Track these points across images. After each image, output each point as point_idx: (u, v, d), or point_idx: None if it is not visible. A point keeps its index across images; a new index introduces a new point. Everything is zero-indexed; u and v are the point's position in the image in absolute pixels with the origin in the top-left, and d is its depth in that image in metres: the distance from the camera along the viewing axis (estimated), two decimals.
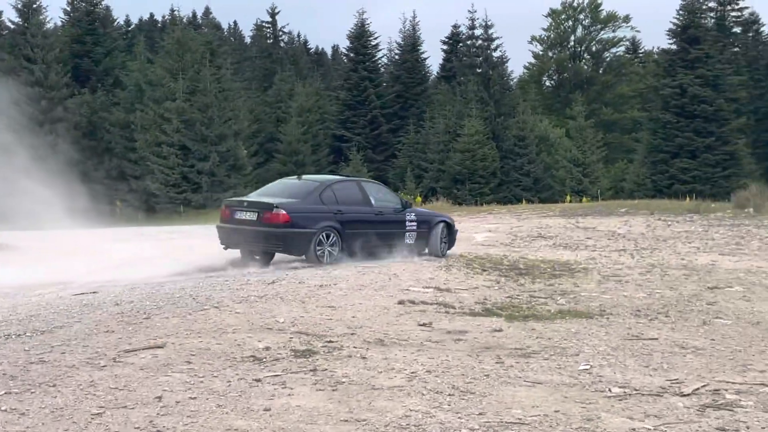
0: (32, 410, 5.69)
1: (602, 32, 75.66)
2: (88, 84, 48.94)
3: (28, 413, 5.62)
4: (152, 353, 7.53)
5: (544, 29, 76.99)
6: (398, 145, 56.15)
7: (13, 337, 8.38)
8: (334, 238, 15.21)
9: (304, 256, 15.35)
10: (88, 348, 7.76)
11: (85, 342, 8.07)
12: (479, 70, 57.41)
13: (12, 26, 48.82)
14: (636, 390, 6.41)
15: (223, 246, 16.09)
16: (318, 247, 14.98)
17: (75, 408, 5.75)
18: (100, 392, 6.17)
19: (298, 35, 75.86)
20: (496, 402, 6.02)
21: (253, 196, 16.76)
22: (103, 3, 54.24)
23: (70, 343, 7.98)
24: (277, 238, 15.04)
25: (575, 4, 74.96)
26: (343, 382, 6.55)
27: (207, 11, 70.23)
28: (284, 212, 14.85)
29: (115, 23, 57.62)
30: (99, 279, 14.25)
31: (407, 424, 5.44)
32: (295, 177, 17.88)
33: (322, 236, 15.04)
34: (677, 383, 6.65)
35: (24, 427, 5.34)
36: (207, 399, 6.03)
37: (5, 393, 6.09)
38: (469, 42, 60.35)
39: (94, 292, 12.14)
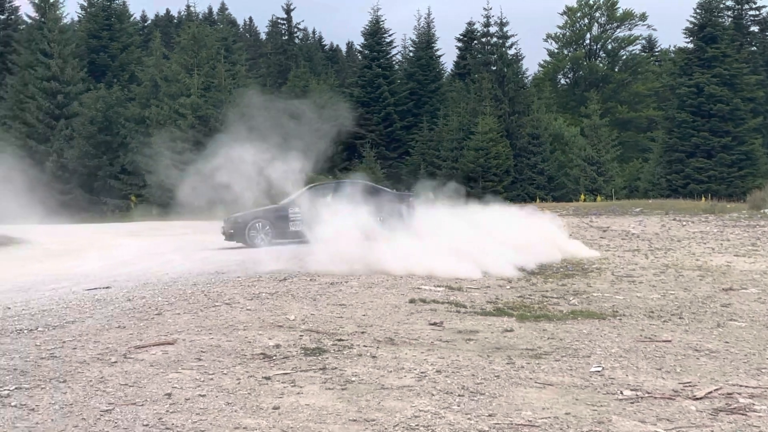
0: (42, 406, 5.69)
1: (618, 30, 75.36)
2: (104, 79, 49.08)
3: (37, 409, 5.63)
4: (163, 350, 7.53)
5: (559, 27, 76.78)
6: (411, 143, 56.07)
7: (25, 332, 8.42)
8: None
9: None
10: (99, 344, 7.78)
11: (97, 338, 8.09)
12: (494, 68, 57.22)
13: (29, 21, 49.02)
14: (648, 393, 6.35)
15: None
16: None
17: (84, 404, 5.75)
18: (110, 389, 6.17)
19: (313, 32, 76.04)
20: (506, 403, 5.98)
21: None
22: None
23: (81, 339, 8.01)
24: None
25: (591, 2, 74.64)
26: (353, 381, 6.53)
27: (223, 7, 70.35)
28: None
29: (132, 19, 57.72)
30: (111, 274, 14.30)
31: (416, 425, 5.41)
32: None
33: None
34: (690, 386, 6.59)
35: (33, 423, 5.34)
36: (216, 396, 6.02)
37: (16, 388, 6.10)
38: (483, 39, 60.20)
39: (106, 288, 12.19)
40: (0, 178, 32.96)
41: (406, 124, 57.51)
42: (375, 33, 59.36)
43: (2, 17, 49.73)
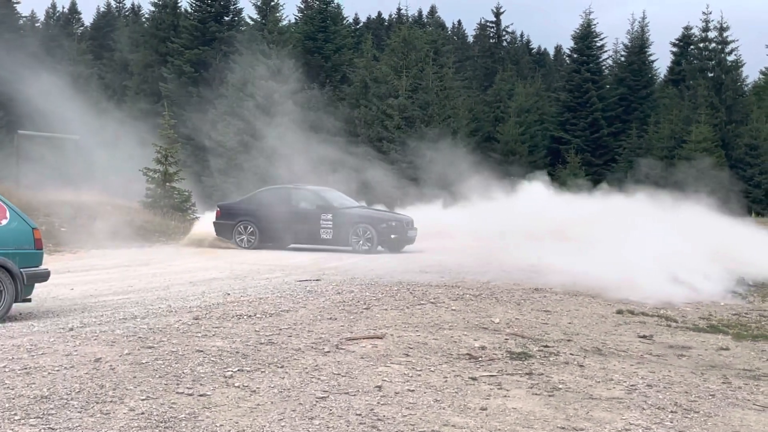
0: (262, 388, 6.02)
1: None
2: (318, 79, 50.95)
3: (258, 391, 5.96)
4: (372, 343, 7.77)
5: None
6: (618, 149, 54.55)
7: (245, 317, 8.92)
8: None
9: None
10: (312, 333, 8.13)
11: (310, 327, 8.45)
12: (711, 74, 54.66)
13: (251, 22, 51.68)
14: None
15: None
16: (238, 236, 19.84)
17: (301, 390, 6.03)
18: (324, 377, 6.43)
19: (521, 35, 75.40)
20: (722, 424, 5.74)
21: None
22: (335, 1, 56.33)
23: (296, 327, 8.39)
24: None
25: None
26: (560, 389, 6.48)
27: (432, 10, 71.27)
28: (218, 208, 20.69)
29: (345, 21, 59.56)
30: (320, 267, 14.89)
31: None
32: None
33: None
34: None
35: (255, 404, 5.66)
36: (425, 393, 6.15)
37: (238, 370, 6.49)
38: (701, 45, 57.58)
39: (317, 280, 12.70)
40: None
41: (614, 130, 56.02)
42: (586, 36, 58.17)
43: (227, 18, 52.70)
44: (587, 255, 14.10)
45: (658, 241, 14.51)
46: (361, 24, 72.33)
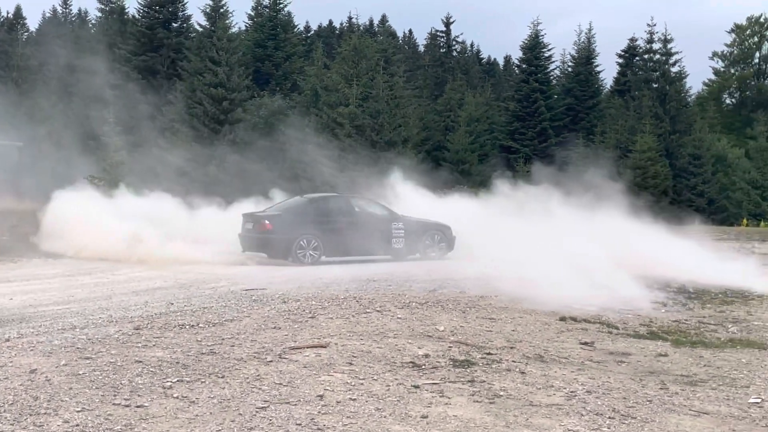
0: (202, 399, 5.97)
1: None
2: (267, 87, 50.74)
3: (197, 402, 5.91)
4: (316, 352, 7.74)
5: (726, 45, 73.81)
6: (566, 159, 55.21)
7: (187, 327, 8.83)
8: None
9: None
10: (255, 343, 8.08)
11: (254, 337, 8.40)
12: (655, 85, 55.59)
13: (200, 29, 51.30)
14: None
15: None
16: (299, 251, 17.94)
17: (241, 400, 5.99)
18: (265, 387, 6.40)
19: (471, 45, 75.93)
20: (658, 429, 5.82)
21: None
22: (285, 9, 56.18)
23: (239, 337, 8.34)
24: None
25: (762, 20, 71.45)
26: (501, 396, 6.52)
27: (383, 19, 71.51)
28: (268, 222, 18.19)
29: (296, 29, 59.43)
30: (267, 276, 14.80)
31: None
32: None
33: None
34: None
35: (193, 414, 5.61)
36: (367, 401, 6.14)
37: (178, 381, 6.43)
38: (646, 56, 58.53)
39: (263, 289, 12.62)
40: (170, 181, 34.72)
41: (561, 140, 56.66)
42: (534, 47, 58.78)
43: (175, 25, 52.24)
44: (531, 263, 14.20)
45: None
46: (312, 32, 72.21)
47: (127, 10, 53.59)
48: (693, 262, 16.68)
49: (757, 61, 72.47)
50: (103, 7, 53.43)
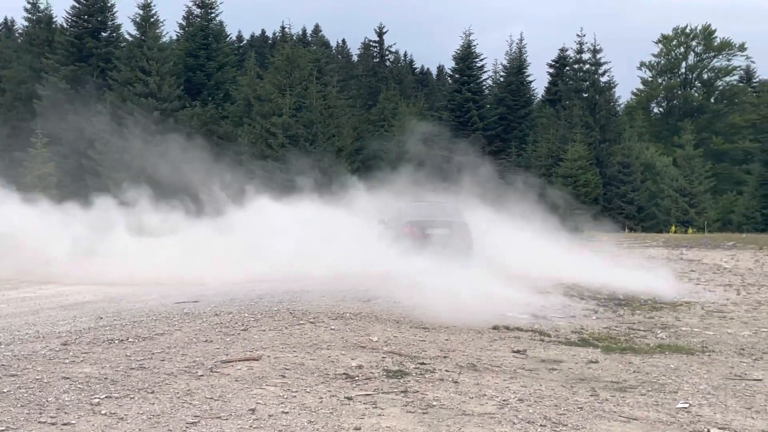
0: (130, 415, 5.85)
1: (715, 60, 73.80)
2: (200, 97, 50.31)
3: (126, 418, 5.78)
4: (248, 365, 7.66)
5: (654, 55, 75.76)
6: (499, 168, 55.85)
7: (117, 342, 8.66)
8: None
9: None
10: (186, 357, 7.96)
11: (185, 351, 8.27)
12: (585, 95, 56.71)
13: (130, 39, 50.66)
14: None
15: None
16: None
17: (171, 416, 5.89)
18: (196, 401, 6.30)
19: (404, 55, 76.48)
20: None
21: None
22: (217, 19, 55.80)
23: (170, 351, 8.20)
24: None
25: (688, 31, 73.38)
26: (434, 406, 6.53)
27: (316, 29, 71.61)
28: None
29: (228, 39, 59.07)
30: (199, 289, 14.62)
31: None
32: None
33: None
34: None
35: (122, 431, 5.49)
36: (299, 414, 6.09)
37: (106, 397, 6.29)
38: (576, 66, 59.68)
39: (195, 302, 12.45)
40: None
41: (494, 149, 57.34)
42: (466, 57, 59.43)
43: (104, 35, 51.47)
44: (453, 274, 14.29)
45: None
46: (245, 42, 71.93)
47: (55, 20, 52.59)
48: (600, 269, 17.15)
49: (683, 70, 74.42)
50: (30, 16, 52.38)
